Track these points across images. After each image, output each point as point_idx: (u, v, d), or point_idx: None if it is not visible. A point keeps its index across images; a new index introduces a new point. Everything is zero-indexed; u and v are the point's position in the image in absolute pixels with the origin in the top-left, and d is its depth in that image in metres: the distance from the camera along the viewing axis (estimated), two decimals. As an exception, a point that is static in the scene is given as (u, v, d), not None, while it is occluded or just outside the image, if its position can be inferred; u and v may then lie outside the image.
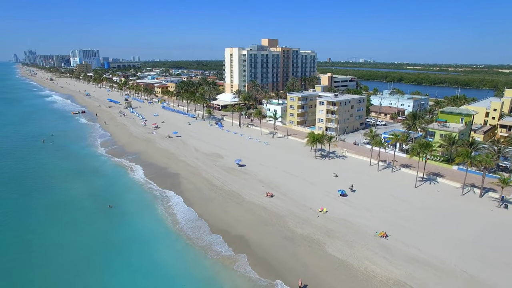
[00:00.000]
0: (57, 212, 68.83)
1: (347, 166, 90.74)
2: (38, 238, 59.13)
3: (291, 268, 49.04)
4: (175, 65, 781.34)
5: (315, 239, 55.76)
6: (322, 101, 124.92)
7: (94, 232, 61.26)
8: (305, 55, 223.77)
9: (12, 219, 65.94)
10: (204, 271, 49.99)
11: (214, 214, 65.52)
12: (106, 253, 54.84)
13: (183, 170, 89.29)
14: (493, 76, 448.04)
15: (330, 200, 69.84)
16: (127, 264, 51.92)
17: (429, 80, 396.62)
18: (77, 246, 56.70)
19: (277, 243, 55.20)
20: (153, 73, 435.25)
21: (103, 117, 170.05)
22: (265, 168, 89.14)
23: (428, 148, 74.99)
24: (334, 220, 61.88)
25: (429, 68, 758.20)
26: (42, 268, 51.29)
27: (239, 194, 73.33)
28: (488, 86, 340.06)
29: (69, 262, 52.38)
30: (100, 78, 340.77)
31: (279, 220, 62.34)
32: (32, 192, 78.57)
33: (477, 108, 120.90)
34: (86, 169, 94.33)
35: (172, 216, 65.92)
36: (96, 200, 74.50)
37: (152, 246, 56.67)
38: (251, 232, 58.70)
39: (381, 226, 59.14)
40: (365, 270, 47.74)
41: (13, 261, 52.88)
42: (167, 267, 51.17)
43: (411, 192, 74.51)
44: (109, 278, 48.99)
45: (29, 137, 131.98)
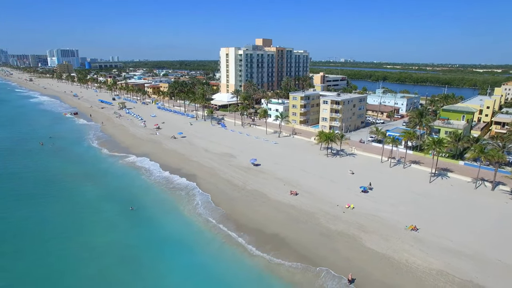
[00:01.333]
0: (77, 216, 67.07)
1: (359, 163, 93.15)
2: (65, 243, 57.47)
3: (334, 263, 50.36)
4: (157, 65, 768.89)
5: (351, 235, 57.39)
6: (326, 100, 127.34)
7: (122, 235, 60.44)
8: (298, 55, 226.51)
9: (33, 225, 63.82)
10: (248, 269, 50.48)
11: (243, 214, 65.97)
12: (141, 257, 54.15)
13: (198, 170, 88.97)
14: (469, 75, 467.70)
15: (353, 197, 71.74)
16: (169, 267, 51.64)
17: (412, 79, 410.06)
18: (108, 250, 55.59)
19: (314, 240, 56.41)
20: (139, 73, 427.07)
21: (99, 118, 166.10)
22: (281, 167, 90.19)
23: (442, 144, 78.28)
24: (363, 215, 63.75)
25: (408, 68, 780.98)
26: (76, 274, 50.11)
27: (263, 193, 74.03)
28: (468, 85, 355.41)
29: (104, 268, 51.36)
30: (84, 78, 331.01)
31: (310, 217, 63.59)
32: (47, 197, 76.24)
33: (470, 106, 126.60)
34: (96, 171, 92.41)
35: (200, 216, 65.89)
36: (115, 202, 73.28)
37: (189, 247, 56.62)
38: (285, 230, 59.58)
39: (408, 220, 61.46)
40: (406, 262, 49.75)
41: (42, 267, 51.44)
42: (210, 268, 51.35)
43: (427, 186, 77.63)
44: (152, 283, 48.54)
45: (25, 140, 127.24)
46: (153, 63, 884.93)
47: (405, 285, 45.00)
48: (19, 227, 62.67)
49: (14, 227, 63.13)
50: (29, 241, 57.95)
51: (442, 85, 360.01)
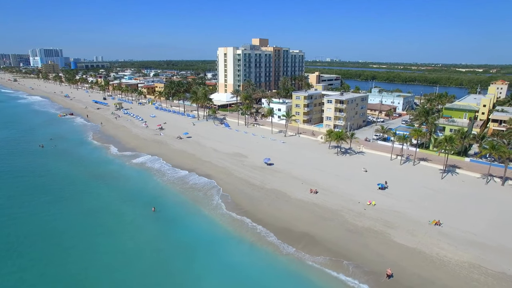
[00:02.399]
0: (100, 220, 65.74)
1: (370, 161, 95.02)
2: (94, 249, 56.31)
3: (369, 259, 51.56)
4: (144, 65, 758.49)
5: (378, 231, 58.78)
6: (330, 100, 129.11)
7: (150, 238, 59.68)
8: (294, 54, 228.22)
9: (55, 231, 61.87)
10: (282, 267, 51.03)
11: (267, 213, 66.44)
12: (174, 259, 53.72)
13: (213, 171, 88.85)
14: (454, 74, 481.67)
15: (371, 194, 73.33)
16: (203, 268, 51.43)
17: (400, 78, 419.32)
18: (139, 254, 54.73)
19: (343, 237, 57.50)
20: (128, 74, 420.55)
21: (96, 119, 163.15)
22: (294, 166, 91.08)
23: (454, 142, 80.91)
24: (385, 212, 65.34)
25: (394, 67, 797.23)
26: (113, 281, 49.41)
27: (283, 192, 74.73)
28: (454, 84, 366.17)
29: (139, 272, 50.65)
30: (73, 79, 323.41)
31: (335, 215, 64.71)
32: (62, 201, 74.19)
33: (471, 105, 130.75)
34: (107, 173, 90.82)
35: (225, 216, 66.03)
36: (135, 204, 72.32)
37: (220, 247, 56.67)
38: (313, 228, 60.43)
39: (429, 215, 63.38)
40: (437, 255, 51.43)
41: (74, 276, 50.34)
42: (245, 267, 51.65)
43: (440, 182, 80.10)
44: (190, 285, 48.47)
45: (23, 142, 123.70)
46: (139, 63, 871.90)
47: (442, 277, 46.55)
48: (41, 233, 60.83)
49: (37, 232, 61.36)
50: (55, 249, 56.15)
51: (430, 84, 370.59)
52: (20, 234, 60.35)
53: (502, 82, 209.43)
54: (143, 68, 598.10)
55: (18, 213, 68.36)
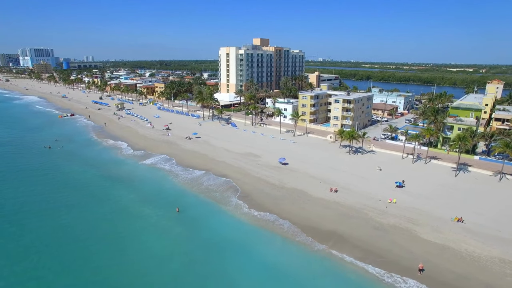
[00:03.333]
0: (124, 223, 64.78)
1: (382, 160, 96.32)
2: (123, 252, 55.82)
3: (399, 255, 52.55)
4: (137, 65, 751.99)
5: (403, 228, 59.87)
6: (338, 99, 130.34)
7: (178, 239, 59.49)
8: (295, 54, 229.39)
9: (79, 235, 60.96)
10: (316, 265, 51.66)
11: (291, 212, 66.92)
12: (206, 260, 53.55)
13: (228, 171, 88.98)
14: (446, 74, 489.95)
15: (390, 192, 74.54)
16: (237, 269, 51.62)
17: (395, 78, 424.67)
18: (170, 257, 54.37)
19: (371, 234, 58.41)
20: (123, 74, 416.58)
21: (99, 119, 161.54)
22: (309, 165, 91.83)
23: (468, 140, 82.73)
24: (407, 209, 66.53)
25: (386, 67, 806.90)
26: (144, 283, 49.43)
27: (304, 191, 75.37)
28: (448, 83, 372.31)
29: (174, 275, 50.55)
30: (68, 79, 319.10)
31: (359, 213, 65.63)
32: (80, 203, 73.14)
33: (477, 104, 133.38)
34: (121, 174, 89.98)
35: (248, 216, 66.32)
36: (155, 206, 71.75)
37: (250, 246, 56.93)
38: (340, 226, 61.20)
39: (450, 212, 64.79)
40: (466, 251, 52.70)
41: (110, 282, 50.21)
42: (280, 266, 52.00)
43: (454, 180, 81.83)
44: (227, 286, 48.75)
45: (29, 143, 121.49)
46: (132, 63, 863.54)
47: (474, 273, 47.75)
48: (66, 238, 59.70)
49: (61, 236, 60.41)
50: (83, 254, 55.15)
51: (424, 84, 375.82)
52: (45, 239, 59.28)
53: (498, 82, 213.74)
54: (137, 68, 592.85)
55: (38, 217, 67.39)
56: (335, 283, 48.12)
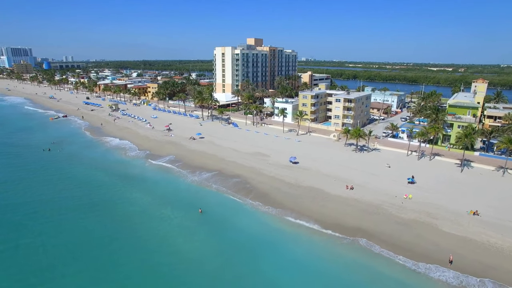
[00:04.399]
0: (146, 226, 63.93)
1: (388, 157, 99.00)
2: (154, 255, 55.18)
3: (426, 248, 54.58)
4: (120, 65, 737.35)
5: (424, 222, 62.11)
6: (339, 99, 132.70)
7: (207, 239, 59.44)
8: (288, 54, 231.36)
9: (103, 240, 59.87)
10: (349, 260, 52.97)
11: (311, 209, 68.02)
12: (238, 259, 54.01)
13: (241, 171, 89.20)
14: (428, 73, 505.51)
15: (403, 188, 76.94)
16: (271, 266, 52.26)
17: (380, 77, 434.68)
18: (201, 258, 54.17)
19: (394, 229, 60.31)
20: (109, 74, 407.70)
21: (94, 120, 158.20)
22: (319, 163, 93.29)
23: (472, 137, 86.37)
24: (423, 204, 68.94)
25: (369, 66, 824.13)
26: (181, 285, 49.39)
27: (321, 189, 76.68)
28: (432, 82, 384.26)
29: (211, 275, 50.69)
30: (53, 79, 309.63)
31: (378, 208, 67.51)
32: (94, 207, 71.23)
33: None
34: (130, 176, 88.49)
35: (271, 215, 67.00)
36: (175, 208, 70.99)
37: (279, 244, 57.62)
38: (363, 222, 62.79)
39: (464, 206, 67.56)
40: (488, 242, 55.30)
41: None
42: (312, 261, 53.04)
43: (461, 175, 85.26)
44: (263, 282, 49.25)
45: (25, 146, 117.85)
46: (115, 63, 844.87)
47: (502, 263, 50.27)
48: (89, 243, 58.12)
49: (84, 242, 58.85)
50: (109, 259, 54.11)
51: (409, 83, 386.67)
52: (68, 246, 57.65)
53: (482, 81, 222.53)
54: (121, 68, 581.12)
55: (54, 222, 65.66)
56: (369, 275, 49.44)
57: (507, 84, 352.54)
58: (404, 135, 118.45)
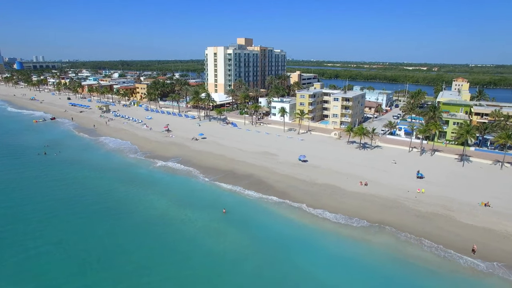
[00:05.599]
0: (165, 228, 62.82)
1: (391, 154, 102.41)
2: (190, 258, 54.79)
3: (449, 238, 57.30)
4: (97, 66, 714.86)
5: (442, 214, 65.16)
6: (337, 98, 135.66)
7: (240, 239, 59.31)
8: (277, 54, 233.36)
9: (121, 247, 57.92)
10: (381, 252, 54.84)
11: (333, 206, 69.52)
12: (276, 257, 54.24)
13: (253, 170, 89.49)
14: (405, 72, 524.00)
15: (414, 182, 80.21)
16: (310, 264, 52.72)
17: (362, 76, 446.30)
18: (239, 258, 54.03)
19: (415, 221, 62.91)
20: (88, 74, 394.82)
21: (86, 122, 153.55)
22: (328, 161, 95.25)
23: (473, 133, 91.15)
24: (436, 197, 72.20)
25: (347, 65, 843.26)
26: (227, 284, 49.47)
27: (336, 186, 78.52)
28: (411, 81, 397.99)
29: (247, 274, 51.09)
30: (31, 80, 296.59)
31: (395, 203, 70.07)
32: (109, 212, 68.75)
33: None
34: (139, 179, 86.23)
35: (294, 211, 67.94)
36: (194, 208, 70.17)
37: (311, 241, 58.56)
38: (384, 216, 65.01)
39: (474, 198, 71.32)
40: (507, 232, 58.83)
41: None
42: (346, 257, 54.39)
43: (462, 169, 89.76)
44: (308, 278, 50.19)
45: (14, 150, 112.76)
46: (91, 63, 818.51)
47: (522, 249, 53.70)
48: (114, 251, 56.42)
49: (108, 250, 57.15)
50: (144, 264, 52.82)
51: (390, 82, 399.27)
52: (93, 253, 55.77)
53: (462, 80, 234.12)
54: (99, 69, 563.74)
55: (70, 228, 63.33)
56: (401, 260, 51.49)
57: (479, 82, 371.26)
58: (402, 132, 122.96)
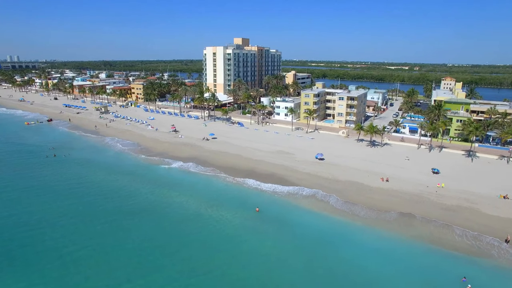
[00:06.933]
0: (209, 229, 62.64)
1: (402, 151, 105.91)
2: (231, 258, 55.31)
3: (479, 229, 60.35)
4: (79, 66, 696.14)
5: (467, 207, 68.46)
6: (342, 97, 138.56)
7: (281, 236, 60.02)
8: (273, 54, 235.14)
9: (163, 247, 58.08)
10: (420, 245, 57.23)
11: (361, 201, 71.71)
12: (321, 254, 55.49)
13: (274, 169, 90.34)
14: (389, 72, 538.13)
15: (430, 177, 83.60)
16: (357, 256, 54.80)
17: (349, 75, 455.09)
18: (281, 255, 54.79)
19: (443, 214, 65.78)
20: (73, 75, 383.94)
21: (86, 124, 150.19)
22: (344, 159, 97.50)
23: (482, 130, 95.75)
24: (457, 191, 75.63)
25: (332, 65, 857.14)
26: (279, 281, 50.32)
27: (359, 183, 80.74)
28: (397, 80, 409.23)
29: (300, 271, 52.23)
30: (16, 80, 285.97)
31: (420, 197, 72.94)
32: (141, 214, 68.11)
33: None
34: (161, 180, 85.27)
35: (327, 208, 69.51)
36: (225, 208, 70.27)
37: (351, 235, 60.30)
38: (414, 210, 67.55)
39: (490, 190, 75.21)
40: (530, 221, 62.58)
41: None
42: (389, 245, 56.53)
43: (472, 164, 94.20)
44: (358, 271, 51.86)
45: (22, 152, 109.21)
46: (72, 63, 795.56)
47: (549, 237, 57.31)
48: (153, 252, 56.26)
49: (149, 251, 56.91)
50: (186, 267, 52.74)
51: (376, 81, 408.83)
52: (132, 257, 55.32)
53: (451, 79, 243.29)
54: (83, 69, 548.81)
55: (106, 231, 62.65)
56: (444, 254, 53.95)
57: (461, 82, 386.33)
58: (406, 130, 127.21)
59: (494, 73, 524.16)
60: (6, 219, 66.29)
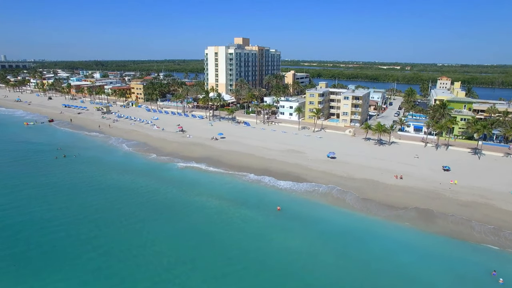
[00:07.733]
0: (232, 225, 63.75)
1: (409, 149, 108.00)
2: (265, 252, 56.20)
3: (497, 224, 62.42)
4: (70, 66, 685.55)
5: (482, 202, 70.52)
6: (347, 96, 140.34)
7: (308, 234, 60.78)
8: (273, 53, 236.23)
9: (194, 248, 58.55)
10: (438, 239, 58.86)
11: (379, 198, 73.22)
12: (348, 249, 56.79)
13: (288, 168, 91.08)
14: (382, 71, 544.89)
15: (442, 174, 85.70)
16: (383, 251, 56.17)
17: (344, 75, 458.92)
18: (310, 251, 55.69)
19: (461, 209, 67.73)
20: (67, 75, 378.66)
21: (89, 124, 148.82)
22: (355, 157, 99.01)
23: (489, 129, 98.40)
24: (470, 187, 77.77)
25: (324, 65, 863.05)
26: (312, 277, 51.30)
27: (375, 180, 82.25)
28: (391, 80, 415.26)
29: (332, 267, 53.21)
30: (9, 80, 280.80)
31: (436, 194, 74.79)
32: (164, 217, 67.63)
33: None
34: (176, 180, 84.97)
35: (347, 206, 70.75)
36: (247, 207, 70.76)
37: (376, 231, 61.56)
38: (432, 206, 69.34)
39: (501, 186, 77.58)
40: (545, 216, 64.87)
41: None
42: (413, 241, 58.02)
43: (480, 162, 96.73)
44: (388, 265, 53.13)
45: (29, 152, 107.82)
46: (62, 63, 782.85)
47: None
48: (185, 250, 56.93)
49: (182, 251, 57.59)
50: (225, 264, 53.47)
51: (371, 80, 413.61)
52: (169, 256, 55.72)
53: (446, 79, 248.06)
54: (75, 69, 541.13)
55: (137, 231, 62.76)
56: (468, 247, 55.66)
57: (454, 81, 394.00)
58: (411, 128, 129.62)
59: (483, 73, 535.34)
60: (40, 213, 66.29)
